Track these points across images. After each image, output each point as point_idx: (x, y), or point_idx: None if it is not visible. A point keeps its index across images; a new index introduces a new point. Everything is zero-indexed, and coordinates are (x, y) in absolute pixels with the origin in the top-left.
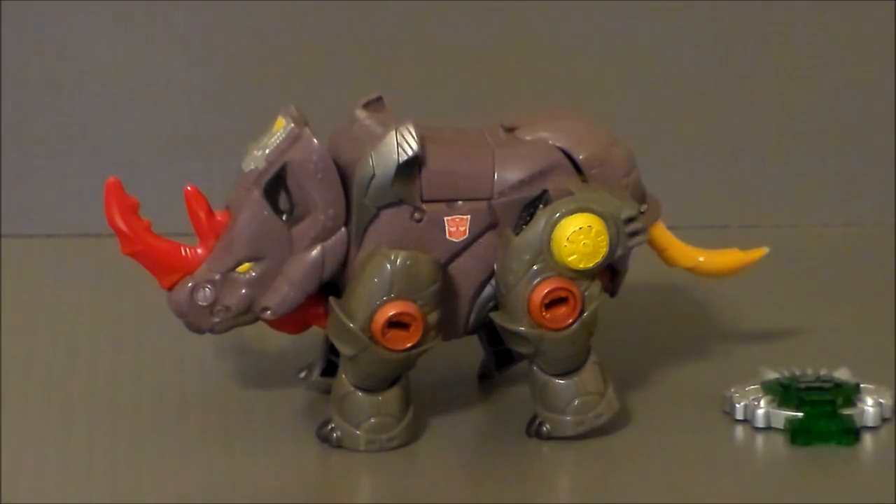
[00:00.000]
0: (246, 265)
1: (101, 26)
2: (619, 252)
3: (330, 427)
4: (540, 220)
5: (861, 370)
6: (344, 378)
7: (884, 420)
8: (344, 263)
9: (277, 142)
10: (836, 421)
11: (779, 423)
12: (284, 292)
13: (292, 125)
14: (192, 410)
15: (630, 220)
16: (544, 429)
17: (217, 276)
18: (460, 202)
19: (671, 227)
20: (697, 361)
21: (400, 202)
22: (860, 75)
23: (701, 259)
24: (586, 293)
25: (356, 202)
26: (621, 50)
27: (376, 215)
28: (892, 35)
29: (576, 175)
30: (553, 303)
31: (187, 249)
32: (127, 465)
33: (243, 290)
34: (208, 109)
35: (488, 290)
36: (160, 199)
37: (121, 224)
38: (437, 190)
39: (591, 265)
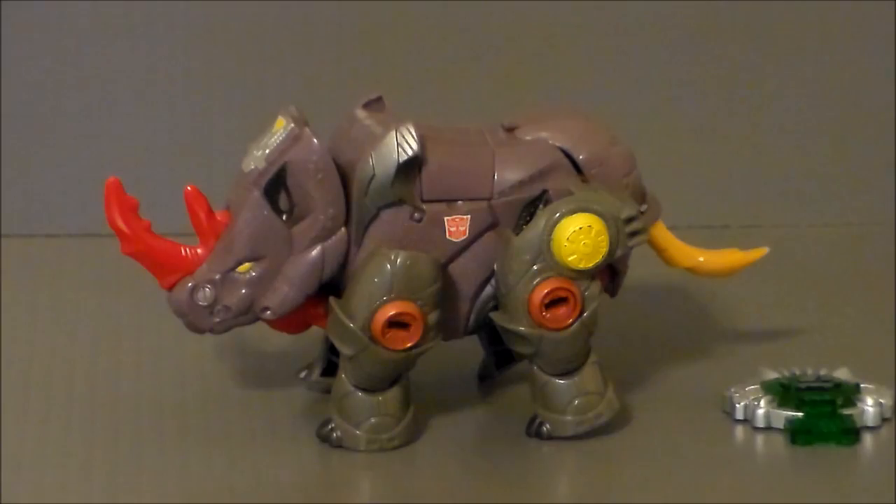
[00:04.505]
0: (246, 265)
1: (101, 26)
2: (619, 252)
3: (330, 427)
4: (540, 220)
5: (861, 370)
6: (344, 378)
7: (884, 420)
8: (344, 263)
9: (277, 142)
10: (836, 421)
11: (779, 423)
12: (284, 292)
13: (292, 125)
14: (192, 410)
15: (630, 220)
16: (544, 429)
17: (217, 276)
18: (460, 202)
19: (671, 227)
20: (697, 361)
21: (400, 202)
22: (860, 75)
23: (701, 259)
24: (586, 293)
25: (356, 202)
26: (622, 50)
27: (376, 215)
28: (892, 35)
29: (576, 175)
30: (553, 303)
31: (187, 249)
32: (127, 465)
33: (243, 290)
34: (208, 109)
35: (488, 290)
36: (160, 199)
37: (121, 224)
38: (437, 190)
39: (591, 265)
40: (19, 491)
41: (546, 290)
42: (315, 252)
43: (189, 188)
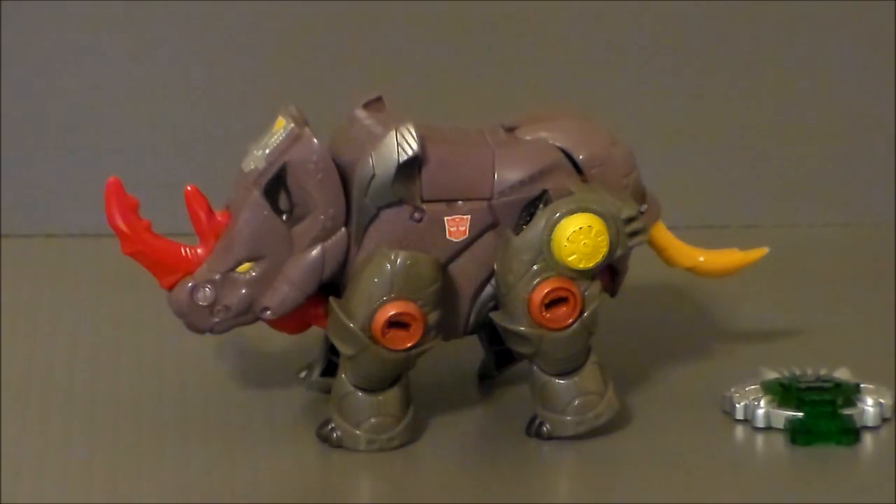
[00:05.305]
0: (246, 265)
1: (101, 26)
2: (619, 252)
3: (330, 427)
4: (540, 220)
5: (861, 370)
6: (344, 378)
7: (884, 420)
8: (344, 263)
9: (277, 142)
10: (836, 421)
11: (779, 423)
12: (284, 292)
13: (292, 125)
14: (192, 410)
15: (630, 219)
16: (544, 429)
17: (217, 276)
18: (460, 202)
19: (671, 227)
20: (697, 361)
21: (400, 202)
22: (860, 75)
23: (701, 259)
24: (586, 293)
25: (356, 202)
26: (621, 50)
27: (376, 215)
28: (892, 35)
29: (576, 175)
30: (553, 303)
31: (187, 249)
32: (127, 465)
33: (243, 290)
34: (208, 109)
35: (488, 290)
36: (160, 199)
37: (121, 224)
38: (437, 190)
39: (591, 265)
40: (19, 491)
41: (546, 290)
42: (315, 252)
43: (189, 188)
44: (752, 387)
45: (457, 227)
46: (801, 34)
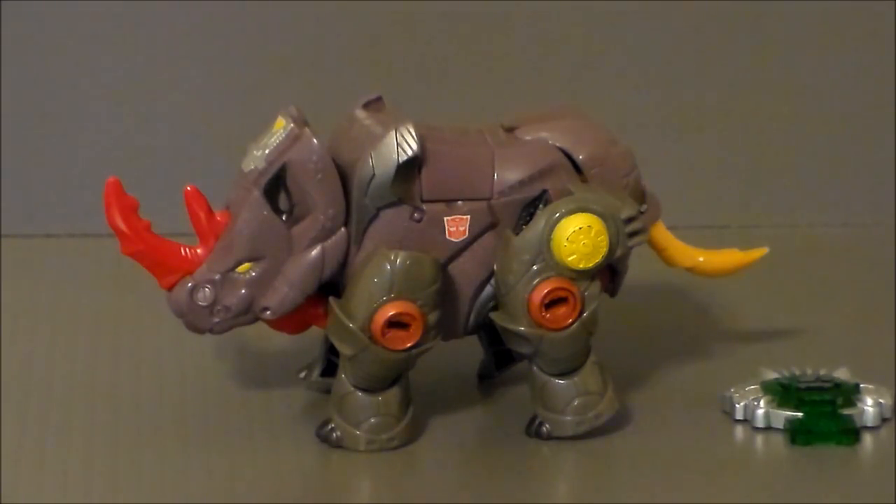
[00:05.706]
0: (246, 265)
1: (101, 26)
2: (618, 252)
3: (330, 427)
4: (540, 220)
5: (861, 370)
6: (344, 378)
7: (884, 420)
8: (344, 263)
9: (277, 142)
10: (836, 421)
11: (779, 423)
12: (284, 292)
13: (292, 125)
14: (192, 410)
15: (630, 219)
16: (544, 429)
17: (217, 276)
18: (460, 202)
19: (671, 227)
20: (697, 361)
21: (400, 202)
22: (860, 75)
23: (701, 259)
24: (586, 293)
25: (356, 202)
26: (621, 49)
27: (376, 215)
28: (892, 35)
29: (576, 175)
30: (553, 303)
31: (187, 249)
32: (127, 465)
33: (243, 290)
34: (208, 109)
35: (488, 290)
36: (160, 199)
37: (121, 224)
38: (437, 190)
39: (590, 265)
40: (19, 491)
41: (546, 290)
42: (315, 252)
43: (189, 188)
44: (752, 387)
45: (456, 227)
46: (801, 34)
